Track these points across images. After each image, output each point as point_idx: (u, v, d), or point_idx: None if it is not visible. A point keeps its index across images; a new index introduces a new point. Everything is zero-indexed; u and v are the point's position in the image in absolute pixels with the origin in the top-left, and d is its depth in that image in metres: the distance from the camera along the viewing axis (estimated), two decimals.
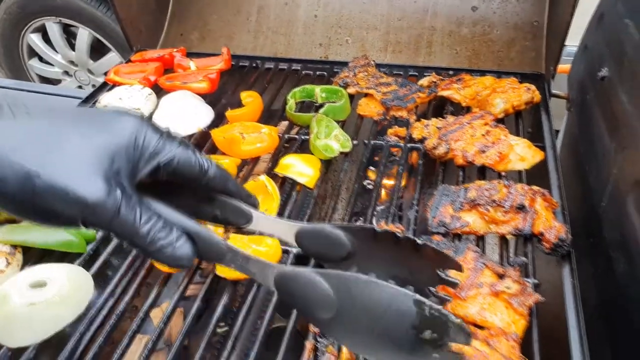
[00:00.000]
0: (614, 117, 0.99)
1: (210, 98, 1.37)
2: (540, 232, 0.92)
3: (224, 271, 0.86)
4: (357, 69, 1.39)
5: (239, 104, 1.31)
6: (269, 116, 1.33)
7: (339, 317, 0.56)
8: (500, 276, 0.82)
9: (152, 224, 0.51)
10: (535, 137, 1.30)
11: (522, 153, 1.09)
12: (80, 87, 3.53)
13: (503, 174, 1.07)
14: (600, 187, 0.99)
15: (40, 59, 3.63)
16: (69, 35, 3.50)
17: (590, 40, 1.22)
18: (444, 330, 0.52)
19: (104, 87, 1.45)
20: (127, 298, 0.87)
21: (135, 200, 0.51)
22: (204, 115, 1.27)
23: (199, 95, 1.35)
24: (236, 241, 0.92)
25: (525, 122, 1.27)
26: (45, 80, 3.73)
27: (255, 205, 0.66)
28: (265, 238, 0.91)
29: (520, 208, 0.93)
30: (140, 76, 1.43)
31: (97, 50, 3.46)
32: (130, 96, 1.35)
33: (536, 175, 1.10)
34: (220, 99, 1.38)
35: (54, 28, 3.42)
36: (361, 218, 1.24)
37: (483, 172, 1.09)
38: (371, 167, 1.37)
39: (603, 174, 0.98)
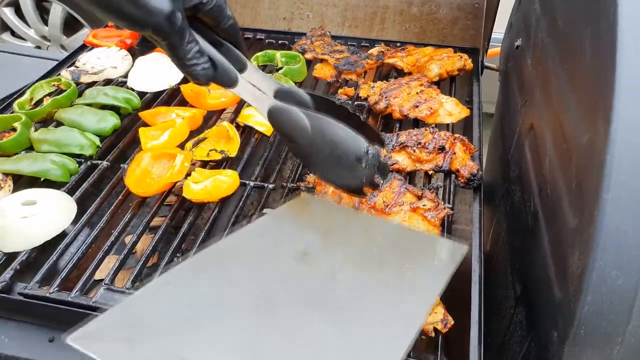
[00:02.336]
0: (522, 79, 1.18)
1: None
2: (456, 169, 1.10)
3: (189, 193, 1.01)
4: (314, 37, 1.55)
5: None
6: None
7: (310, 145, 0.80)
8: (419, 197, 1.00)
9: (192, 45, 0.70)
10: (470, 104, 1.50)
11: (450, 109, 1.27)
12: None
13: (433, 126, 1.26)
14: (510, 137, 1.18)
15: (13, 34, 3.66)
16: (42, 11, 3.53)
17: (513, 18, 1.41)
18: (375, 164, 0.82)
19: (83, 48, 1.58)
20: (103, 220, 1.01)
21: (186, 23, 0.69)
22: (175, 73, 1.42)
23: None
24: (201, 172, 1.08)
25: (459, 88, 1.46)
26: None
27: (247, 58, 0.83)
28: (227, 171, 1.07)
29: (441, 149, 1.12)
30: (117, 40, 1.57)
31: (70, 26, 3.52)
32: (108, 56, 1.48)
33: (462, 130, 1.29)
34: None
35: (27, 2, 3.45)
36: None
37: (417, 124, 1.27)
38: None
39: (513, 127, 1.17)
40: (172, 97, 1.37)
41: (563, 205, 0.69)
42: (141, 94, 1.37)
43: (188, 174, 1.08)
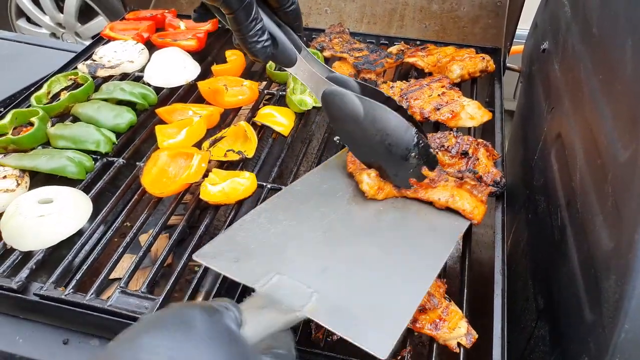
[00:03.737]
0: (548, 83, 1.14)
1: (198, 55, 1.50)
2: (479, 176, 1.08)
3: (207, 195, 1.00)
4: (332, 34, 1.53)
5: (224, 61, 1.44)
6: (250, 75, 1.46)
7: (360, 130, 0.85)
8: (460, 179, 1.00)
9: (257, 21, 0.72)
10: (490, 105, 1.47)
11: (472, 112, 1.24)
12: None
13: (455, 130, 1.23)
14: (534, 144, 1.15)
15: (28, 20, 3.66)
16: None
17: (539, 18, 1.37)
18: (425, 156, 0.89)
19: (100, 41, 1.56)
20: (119, 220, 1.00)
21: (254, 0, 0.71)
22: (192, 69, 1.40)
23: (187, 52, 1.47)
24: (219, 173, 1.06)
25: (479, 88, 1.43)
26: None
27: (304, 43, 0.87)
28: (244, 173, 1.05)
29: (464, 154, 1.09)
30: (133, 33, 1.55)
31: (85, 14, 3.51)
32: (124, 49, 1.46)
33: (484, 134, 1.26)
34: (207, 56, 1.50)
35: None
36: None
37: (437, 127, 1.24)
38: None
39: (537, 133, 1.14)
40: (188, 94, 1.36)
41: (596, 223, 0.67)
42: (157, 90, 1.35)
43: (205, 175, 1.06)
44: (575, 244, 0.75)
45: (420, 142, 0.86)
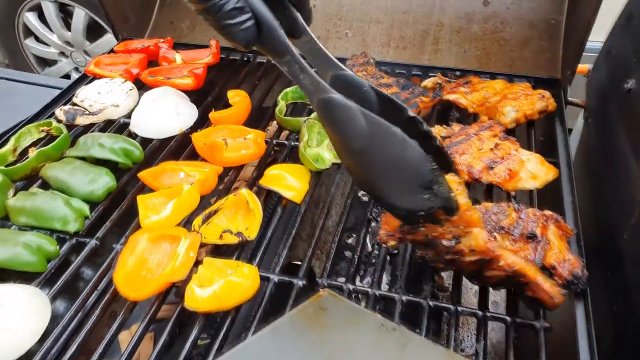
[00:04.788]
0: (638, 136, 0.88)
1: (195, 95, 1.27)
2: (552, 265, 0.82)
3: (194, 302, 0.76)
4: (355, 67, 1.28)
5: (227, 103, 1.20)
6: (258, 116, 1.23)
7: (363, 155, 0.65)
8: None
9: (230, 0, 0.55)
10: (547, 148, 1.19)
11: (534, 170, 0.98)
12: (77, 68, 3.43)
13: (512, 193, 0.97)
14: (622, 216, 0.88)
15: (37, 39, 3.53)
16: (66, 15, 3.39)
17: (615, 44, 1.10)
18: (442, 200, 0.66)
19: (84, 79, 1.34)
20: (81, 336, 0.77)
21: None
22: (187, 115, 1.17)
23: (183, 91, 1.25)
24: (213, 265, 0.83)
25: (537, 131, 1.16)
26: (41, 60, 3.62)
27: (307, 11, 0.67)
28: (243, 266, 0.81)
29: (531, 237, 0.83)
30: (122, 68, 1.33)
31: (94, 31, 3.35)
32: (109, 90, 1.24)
33: (547, 195, 1.00)
34: (207, 96, 1.27)
35: (49, 7, 3.31)
36: (354, 234, 1.15)
37: (490, 190, 0.99)
38: None
39: (626, 203, 0.88)
40: (182, 146, 1.12)
41: None
42: (145, 141, 1.13)
43: (197, 262, 0.83)
44: None
45: (440, 180, 0.65)
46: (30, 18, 3.40)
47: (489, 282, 0.81)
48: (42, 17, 3.40)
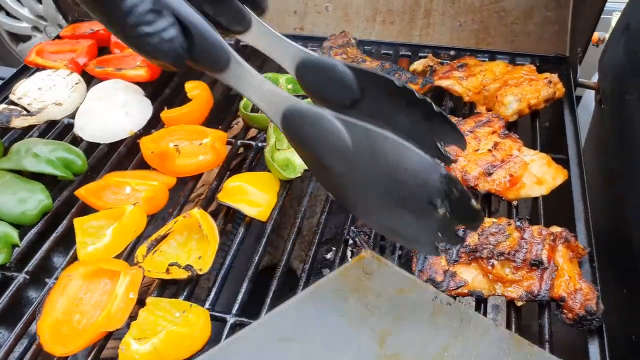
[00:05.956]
0: None
1: (151, 88, 1.10)
2: (560, 297, 0.68)
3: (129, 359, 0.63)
4: (333, 49, 1.11)
5: (185, 98, 1.04)
6: (222, 109, 1.07)
7: (352, 174, 0.51)
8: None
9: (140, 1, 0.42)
10: (553, 140, 1.05)
11: (539, 174, 0.84)
12: None
13: (514, 203, 0.83)
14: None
15: (8, 14, 3.32)
16: None
17: (635, 18, 0.93)
18: (461, 210, 0.50)
19: (25, 71, 1.18)
20: None
21: None
22: (138, 114, 1.01)
23: (137, 84, 1.09)
24: (158, 307, 0.69)
25: (542, 118, 1.01)
26: (14, 36, 3.42)
27: (262, 8, 0.55)
28: (191, 311, 0.67)
29: (536, 264, 0.69)
30: (69, 57, 1.16)
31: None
32: (53, 84, 1.08)
33: (554, 198, 0.85)
34: (164, 88, 1.11)
35: None
36: (333, 248, 1.01)
37: (488, 198, 0.84)
38: None
39: None
40: (133, 151, 0.97)
41: None
42: (91, 147, 0.98)
43: (140, 303, 0.69)
44: None
45: (453, 189, 0.49)
46: None
47: None
48: None
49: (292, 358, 0.56)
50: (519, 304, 0.70)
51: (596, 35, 1.52)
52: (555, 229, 0.74)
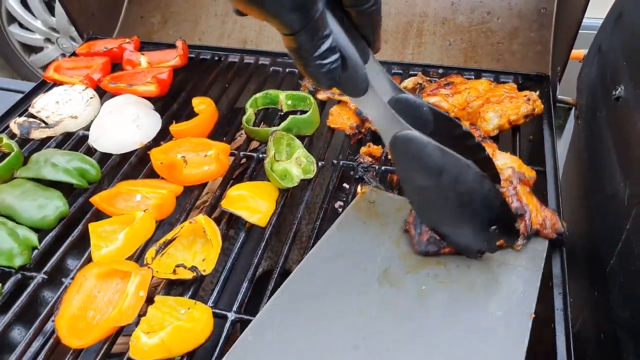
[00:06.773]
0: (628, 153, 0.80)
1: (161, 102, 1.19)
2: (536, 230, 0.79)
3: (139, 352, 0.70)
4: None
5: (192, 112, 1.13)
6: (227, 122, 1.15)
7: (435, 190, 0.66)
8: None
9: (326, 39, 0.51)
10: (538, 152, 1.12)
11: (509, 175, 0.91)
12: (64, 55, 3.33)
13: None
14: (608, 239, 0.81)
15: (21, 26, 3.42)
16: (50, 0, 3.29)
17: (606, 42, 1.00)
18: (508, 229, 0.71)
19: (43, 86, 1.26)
20: None
21: (325, 12, 0.51)
22: (148, 126, 1.09)
23: (147, 98, 1.17)
24: (165, 304, 0.77)
25: (524, 131, 1.08)
26: (27, 47, 3.52)
27: (377, 48, 0.64)
28: (195, 308, 0.75)
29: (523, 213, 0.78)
30: (85, 73, 1.25)
31: None
32: (69, 99, 1.17)
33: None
34: (173, 103, 1.19)
35: None
36: None
37: None
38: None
39: (613, 225, 0.80)
40: (143, 161, 1.05)
41: None
42: (105, 157, 1.06)
43: (149, 301, 0.77)
44: None
45: (508, 211, 0.70)
46: (13, 3, 3.30)
47: None
48: (25, 3, 3.30)
49: (344, 267, 0.75)
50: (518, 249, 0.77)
51: (582, 52, 1.60)
52: (508, 171, 0.83)
